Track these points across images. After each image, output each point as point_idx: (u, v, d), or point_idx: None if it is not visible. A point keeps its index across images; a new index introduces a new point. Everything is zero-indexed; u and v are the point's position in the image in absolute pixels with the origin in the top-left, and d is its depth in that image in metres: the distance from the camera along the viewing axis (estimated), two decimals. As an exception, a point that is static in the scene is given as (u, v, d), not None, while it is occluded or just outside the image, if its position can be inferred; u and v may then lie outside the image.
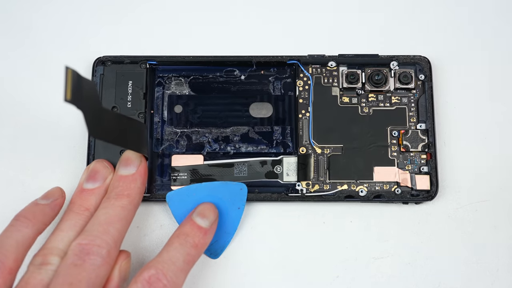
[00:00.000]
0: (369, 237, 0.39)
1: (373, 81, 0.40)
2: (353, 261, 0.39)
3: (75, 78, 0.31)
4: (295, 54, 0.41)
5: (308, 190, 0.39)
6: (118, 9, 0.44)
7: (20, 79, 0.42)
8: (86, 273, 0.32)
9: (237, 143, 0.40)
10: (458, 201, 0.40)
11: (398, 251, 0.39)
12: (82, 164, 0.40)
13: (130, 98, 0.40)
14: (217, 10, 0.43)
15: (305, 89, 0.41)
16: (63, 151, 0.40)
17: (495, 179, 0.40)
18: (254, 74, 0.41)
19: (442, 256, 0.39)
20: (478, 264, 0.39)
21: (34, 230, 0.34)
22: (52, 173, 0.40)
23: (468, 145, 0.41)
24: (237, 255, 0.39)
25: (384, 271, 0.39)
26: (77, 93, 0.31)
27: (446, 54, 0.42)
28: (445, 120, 0.41)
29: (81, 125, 0.41)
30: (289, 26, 0.43)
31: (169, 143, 0.40)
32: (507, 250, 0.39)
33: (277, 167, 0.39)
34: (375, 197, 0.39)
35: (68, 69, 0.30)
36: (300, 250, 0.39)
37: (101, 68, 0.40)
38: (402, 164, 0.40)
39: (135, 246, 0.39)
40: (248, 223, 0.39)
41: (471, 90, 0.42)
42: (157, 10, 0.43)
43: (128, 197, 0.36)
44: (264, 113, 0.41)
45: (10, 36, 0.43)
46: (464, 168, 0.40)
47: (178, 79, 0.41)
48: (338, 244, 0.39)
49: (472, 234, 0.39)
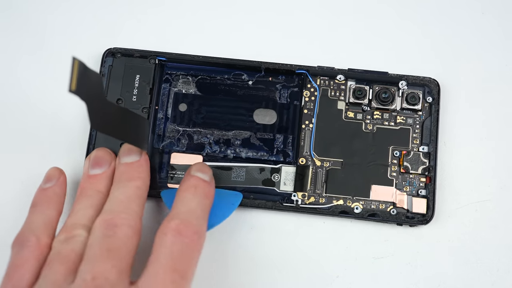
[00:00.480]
0: (369, 237, 0.39)
1: (380, 98, 0.40)
2: (353, 261, 0.39)
3: (81, 69, 0.31)
4: (305, 64, 0.41)
5: (304, 202, 0.39)
6: (133, 3, 0.44)
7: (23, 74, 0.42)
8: (121, 242, 0.32)
9: (237, 147, 0.40)
10: (457, 201, 0.40)
11: (398, 251, 0.39)
12: (81, 159, 0.40)
13: (136, 92, 0.40)
14: (231, 12, 0.43)
15: (311, 100, 0.41)
16: (62, 148, 0.40)
17: (495, 179, 0.40)
18: (262, 80, 0.41)
19: (442, 256, 0.39)
20: (478, 264, 0.39)
21: (54, 210, 0.35)
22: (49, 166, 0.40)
23: (468, 145, 0.41)
24: (237, 255, 0.39)
25: (384, 271, 0.39)
26: (82, 84, 0.31)
27: (456, 77, 0.42)
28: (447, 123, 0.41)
29: (80, 121, 0.41)
30: (301, 35, 0.43)
31: (170, 140, 0.40)
32: (507, 250, 0.39)
33: (274, 175, 0.39)
34: (370, 215, 0.39)
35: (75, 60, 0.30)
36: (300, 250, 0.39)
37: (110, 59, 0.41)
38: (400, 185, 0.39)
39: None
40: (247, 223, 0.39)
41: (477, 110, 0.41)
42: (171, 7, 0.44)
43: (140, 179, 0.36)
44: (268, 120, 0.41)
45: (15, 28, 0.43)
46: (464, 168, 0.40)
47: (185, 77, 0.41)
48: (338, 244, 0.39)
49: (472, 234, 0.39)
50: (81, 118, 0.41)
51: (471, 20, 0.43)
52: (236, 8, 0.44)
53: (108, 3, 0.43)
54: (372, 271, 0.39)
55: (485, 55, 0.42)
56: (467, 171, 0.40)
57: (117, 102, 0.40)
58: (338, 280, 0.38)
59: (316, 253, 0.39)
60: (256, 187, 0.39)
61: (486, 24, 0.43)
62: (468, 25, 0.43)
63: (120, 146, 0.39)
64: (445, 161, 0.40)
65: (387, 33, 0.43)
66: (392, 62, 0.42)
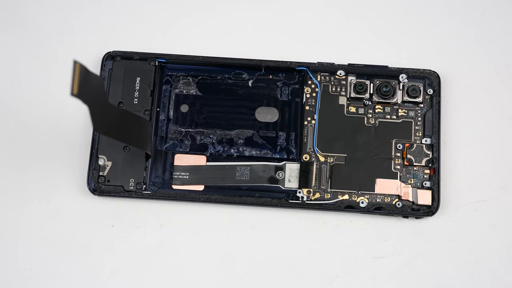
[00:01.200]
0: (369, 237, 0.39)
1: (381, 92, 0.40)
2: (353, 261, 0.39)
3: (82, 73, 0.30)
4: (305, 60, 0.41)
5: (309, 198, 0.39)
6: (131, 5, 0.44)
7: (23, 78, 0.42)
8: None
9: (241, 146, 0.40)
10: (458, 201, 0.40)
11: (398, 251, 0.39)
12: (83, 162, 0.40)
13: (137, 95, 0.40)
14: (230, 12, 0.43)
15: (312, 96, 0.41)
16: (63, 150, 0.40)
17: (495, 179, 0.40)
18: (263, 78, 0.41)
19: (442, 256, 0.39)
20: (478, 264, 0.39)
21: None
22: (52, 172, 0.40)
23: (468, 145, 0.41)
24: (237, 255, 0.39)
25: (384, 271, 0.39)
26: (84, 87, 0.30)
27: (456, 69, 0.42)
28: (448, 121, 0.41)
29: (82, 123, 0.41)
30: (300, 32, 0.43)
31: (173, 142, 0.40)
32: (507, 250, 0.39)
33: (279, 173, 0.39)
34: (376, 209, 0.39)
35: (76, 63, 0.30)
36: (300, 250, 0.39)
37: (110, 63, 0.40)
38: (404, 178, 0.39)
39: (135, 246, 0.39)
40: (248, 223, 0.39)
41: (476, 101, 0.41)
42: (169, 8, 0.43)
43: None
44: (270, 118, 0.41)
45: (15, 33, 0.43)
46: (464, 168, 0.40)
47: (186, 78, 0.41)
48: (338, 244, 0.39)
49: (472, 234, 0.39)
50: (84, 121, 0.41)
51: (470, 19, 0.43)
52: (233, 7, 0.44)
53: (106, 6, 0.43)
54: (372, 271, 0.39)
55: (485, 46, 0.42)
56: (467, 171, 0.40)
57: (118, 105, 0.40)
58: (338, 280, 0.38)
59: (316, 253, 0.39)
60: (261, 185, 0.39)
61: (485, 20, 0.43)
62: (467, 22, 0.43)
63: (123, 149, 0.39)
64: (445, 161, 0.40)
65: (387, 27, 0.43)
66: (392, 56, 0.42)
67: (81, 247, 0.39)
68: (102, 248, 0.39)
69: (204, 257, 0.39)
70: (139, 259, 0.39)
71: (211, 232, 0.39)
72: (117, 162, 0.39)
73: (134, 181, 0.39)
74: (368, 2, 0.44)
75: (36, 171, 0.40)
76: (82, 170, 0.40)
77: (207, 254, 0.39)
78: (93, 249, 0.39)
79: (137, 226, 0.39)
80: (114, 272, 0.39)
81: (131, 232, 0.39)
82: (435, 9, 0.43)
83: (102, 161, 0.39)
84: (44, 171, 0.40)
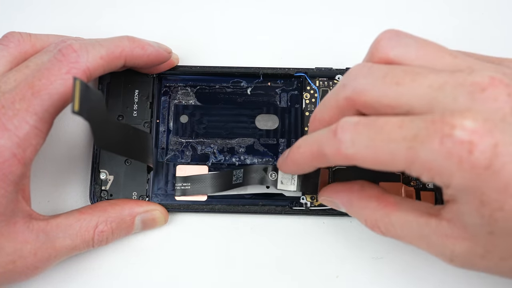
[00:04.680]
0: (369, 237, 0.39)
1: (380, 95, 0.40)
2: (353, 261, 0.39)
3: (83, 89, 0.30)
4: (303, 66, 0.41)
5: (313, 204, 0.39)
6: (127, 18, 0.43)
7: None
8: None
9: (242, 154, 0.40)
10: None
11: (398, 251, 0.39)
12: (85, 177, 0.40)
13: (136, 107, 0.40)
14: (225, 21, 0.43)
15: (311, 102, 0.41)
16: (64, 166, 0.40)
17: None
18: (261, 85, 0.41)
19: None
20: None
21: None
22: (54, 187, 0.40)
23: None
24: (236, 255, 0.39)
25: (384, 271, 0.39)
26: (85, 104, 0.30)
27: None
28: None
29: (82, 139, 0.41)
30: (297, 38, 0.43)
31: (174, 153, 0.40)
32: None
33: (271, 174, 0.38)
34: (379, 212, 0.39)
35: (77, 80, 0.30)
36: (300, 250, 0.39)
37: (108, 76, 0.40)
38: (407, 180, 0.39)
39: (135, 246, 0.39)
40: (247, 224, 0.39)
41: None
42: (163, 19, 0.43)
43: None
44: (270, 125, 0.41)
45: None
46: None
47: (184, 88, 0.41)
48: (338, 244, 0.39)
49: None
50: (84, 137, 0.41)
51: (470, 18, 0.43)
52: (229, 17, 0.43)
53: (102, 20, 0.43)
54: (372, 271, 0.39)
55: (485, 46, 0.43)
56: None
57: (118, 119, 0.40)
58: (338, 280, 0.38)
59: (316, 253, 0.39)
60: (263, 193, 0.39)
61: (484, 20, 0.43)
62: (467, 22, 0.43)
63: (124, 162, 0.39)
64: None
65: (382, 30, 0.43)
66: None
67: (84, 263, 0.39)
68: (103, 260, 0.39)
69: (202, 258, 0.39)
70: (139, 260, 0.39)
71: (210, 240, 0.39)
72: (119, 176, 0.39)
73: (136, 194, 0.39)
74: (365, 7, 0.44)
75: (37, 188, 0.40)
76: (85, 185, 0.40)
77: (201, 256, 0.39)
78: (95, 263, 0.39)
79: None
80: (115, 280, 0.39)
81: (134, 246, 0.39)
82: (434, 12, 0.43)
83: (104, 175, 0.39)
84: (45, 188, 0.40)
